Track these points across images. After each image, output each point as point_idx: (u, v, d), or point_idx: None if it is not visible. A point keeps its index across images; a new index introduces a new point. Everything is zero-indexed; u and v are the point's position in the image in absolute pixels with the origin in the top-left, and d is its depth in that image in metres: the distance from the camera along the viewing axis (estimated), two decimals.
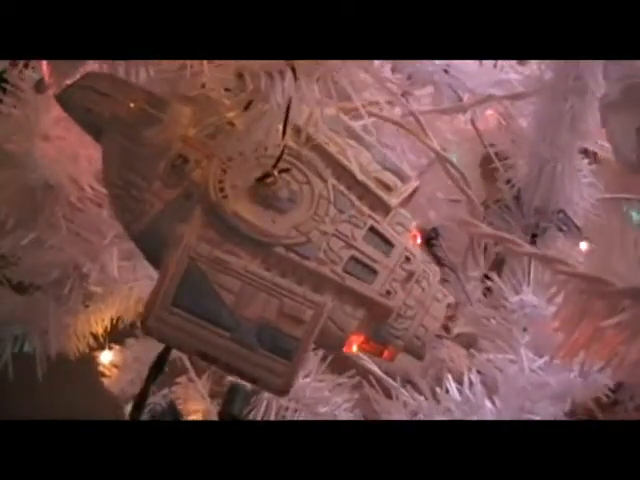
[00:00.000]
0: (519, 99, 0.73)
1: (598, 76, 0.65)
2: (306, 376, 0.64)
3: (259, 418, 0.61)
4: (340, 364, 0.67)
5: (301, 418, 0.63)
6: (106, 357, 0.84)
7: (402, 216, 0.46)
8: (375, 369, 0.66)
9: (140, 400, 0.48)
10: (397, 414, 0.63)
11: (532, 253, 0.54)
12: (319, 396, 0.63)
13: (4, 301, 0.63)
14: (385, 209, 0.45)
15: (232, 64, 0.37)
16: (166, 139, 0.43)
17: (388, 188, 0.45)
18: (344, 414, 0.64)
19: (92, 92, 0.44)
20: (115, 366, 0.84)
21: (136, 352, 0.82)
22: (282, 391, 0.39)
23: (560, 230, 0.81)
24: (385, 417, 0.63)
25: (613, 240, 0.49)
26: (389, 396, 0.64)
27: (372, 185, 0.45)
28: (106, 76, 0.45)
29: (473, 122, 0.81)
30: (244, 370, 0.39)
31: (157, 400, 0.64)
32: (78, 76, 0.45)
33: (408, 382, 0.65)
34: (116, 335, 0.76)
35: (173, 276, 0.39)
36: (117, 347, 0.84)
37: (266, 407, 0.62)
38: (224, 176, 0.42)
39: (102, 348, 0.82)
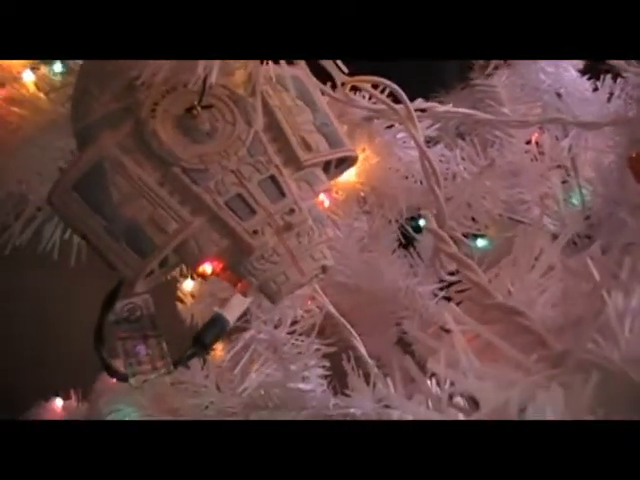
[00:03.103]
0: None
1: None
2: (290, 333, 0.68)
3: (231, 354, 0.67)
4: (326, 331, 0.69)
5: (270, 370, 0.67)
6: (187, 285, 0.95)
7: (314, 176, 0.48)
8: (359, 346, 0.67)
9: (98, 332, 0.51)
10: (365, 397, 0.64)
11: (481, 284, 0.51)
12: (294, 352, 0.67)
13: None
14: (297, 165, 0.48)
15: None
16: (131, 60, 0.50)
17: (309, 148, 0.48)
18: (313, 378, 0.67)
19: None
20: (192, 295, 0.94)
21: (213, 288, 0.90)
22: (130, 281, 0.45)
23: None
24: (353, 395, 0.64)
25: None
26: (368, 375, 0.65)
27: (293, 141, 0.48)
28: None
29: (570, 149, 0.77)
30: (106, 255, 0.45)
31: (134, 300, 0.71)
32: None
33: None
34: None
35: (81, 166, 0.46)
36: (198, 279, 0.93)
37: (242, 347, 0.67)
38: (162, 100, 0.48)
39: (185, 277, 0.92)
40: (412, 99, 0.59)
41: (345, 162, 0.53)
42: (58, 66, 0.68)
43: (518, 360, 0.41)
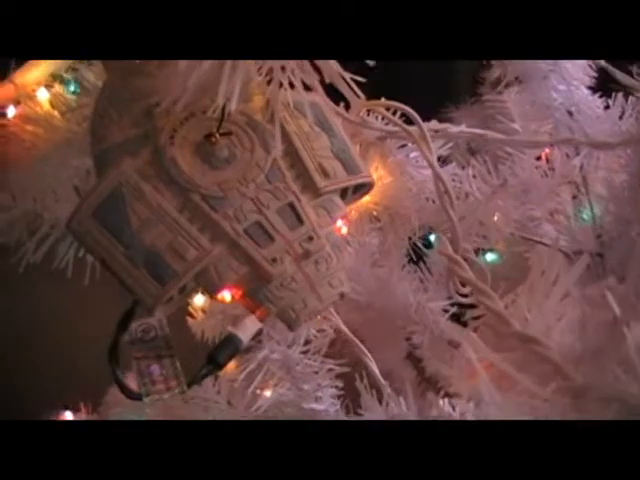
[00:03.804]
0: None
1: None
2: (303, 352, 0.68)
3: (244, 375, 0.67)
4: (337, 346, 0.70)
5: (283, 389, 0.67)
6: (198, 300, 0.95)
7: (331, 203, 0.49)
8: (371, 365, 0.67)
9: (113, 351, 0.51)
10: (377, 416, 0.65)
11: (498, 311, 0.51)
12: (307, 372, 0.67)
13: None
14: (315, 192, 0.48)
15: None
16: (151, 87, 0.50)
17: (326, 175, 0.49)
18: (326, 398, 0.67)
19: None
20: (203, 311, 0.94)
21: (224, 305, 0.90)
22: (150, 308, 0.46)
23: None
24: (366, 415, 0.65)
25: None
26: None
27: (311, 167, 0.49)
28: None
29: (582, 167, 0.78)
30: (126, 281, 0.46)
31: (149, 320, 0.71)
32: None
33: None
34: None
35: (101, 192, 0.47)
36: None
37: (256, 367, 0.68)
38: (180, 127, 0.48)
39: (197, 292, 0.92)
40: (422, 113, 0.59)
41: (362, 187, 0.53)
42: (72, 85, 0.69)
43: (535, 390, 0.41)
